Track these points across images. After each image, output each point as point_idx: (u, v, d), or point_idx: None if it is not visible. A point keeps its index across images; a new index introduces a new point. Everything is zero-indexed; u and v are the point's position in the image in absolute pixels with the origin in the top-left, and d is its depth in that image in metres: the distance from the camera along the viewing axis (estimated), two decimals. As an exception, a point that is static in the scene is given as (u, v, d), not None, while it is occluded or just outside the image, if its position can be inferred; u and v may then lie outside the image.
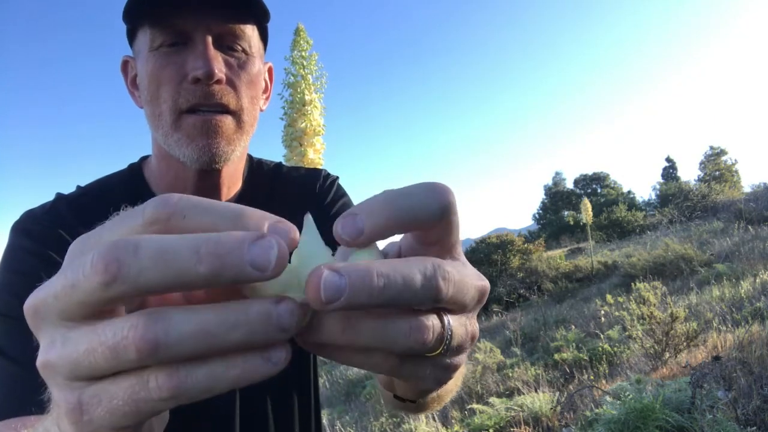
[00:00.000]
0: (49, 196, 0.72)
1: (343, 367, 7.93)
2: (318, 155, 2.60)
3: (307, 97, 2.59)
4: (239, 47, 0.67)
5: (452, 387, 0.51)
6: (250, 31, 0.68)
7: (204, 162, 0.64)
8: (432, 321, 0.25)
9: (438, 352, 0.26)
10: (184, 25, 0.63)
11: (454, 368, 0.29)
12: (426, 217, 0.25)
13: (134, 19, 0.66)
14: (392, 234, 0.26)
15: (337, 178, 0.83)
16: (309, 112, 2.58)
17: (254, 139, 0.73)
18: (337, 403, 6.45)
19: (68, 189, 0.74)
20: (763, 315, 4.22)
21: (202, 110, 0.64)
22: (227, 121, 0.65)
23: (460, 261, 0.29)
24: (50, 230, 0.65)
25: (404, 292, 0.23)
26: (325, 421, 5.18)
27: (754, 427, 2.44)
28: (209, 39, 0.63)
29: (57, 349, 0.22)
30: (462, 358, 0.30)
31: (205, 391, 0.21)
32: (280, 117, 2.69)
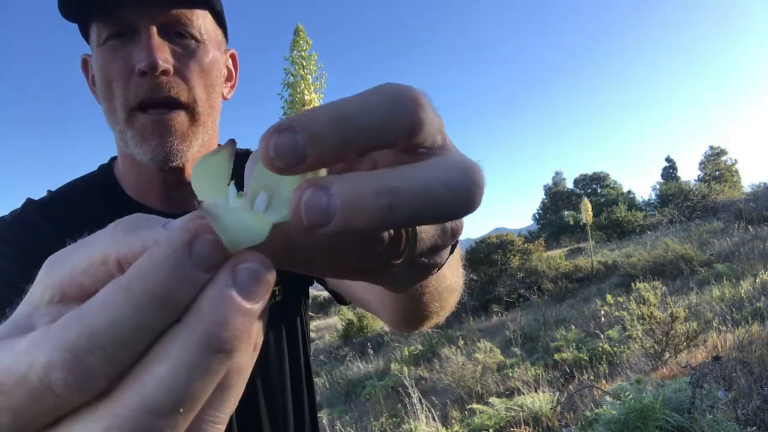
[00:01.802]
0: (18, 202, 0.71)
1: (343, 367, 7.93)
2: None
3: (306, 97, 2.59)
4: (188, 35, 0.64)
5: (451, 282, 0.46)
6: (201, 17, 0.65)
7: (159, 161, 0.62)
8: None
9: (402, 257, 0.23)
10: (127, 16, 0.61)
11: (429, 268, 0.25)
12: (390, 138, 0.19)
13: (72, 15, 0.64)
14: (339, 162, 0.20)
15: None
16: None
17: (254, 138, 0.73)
18: (337, 403, 6.44)
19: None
20: (763, 315, 4.22)
21: (153, 108, 0.61)
22: (179, 118, 0.63)
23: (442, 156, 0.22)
24: (23, 236, 0.64)
25: (422, 209, 0.18)
26: (325, 421, 5.17)
27: (754, 427, 2.44)
28: (153, 29, 0.61)
29: None
30: (441, 257, 0.26)
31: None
32: (279, 117, 2.70)
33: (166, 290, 0.17)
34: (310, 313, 0.87)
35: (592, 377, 4.36)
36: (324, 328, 13.65)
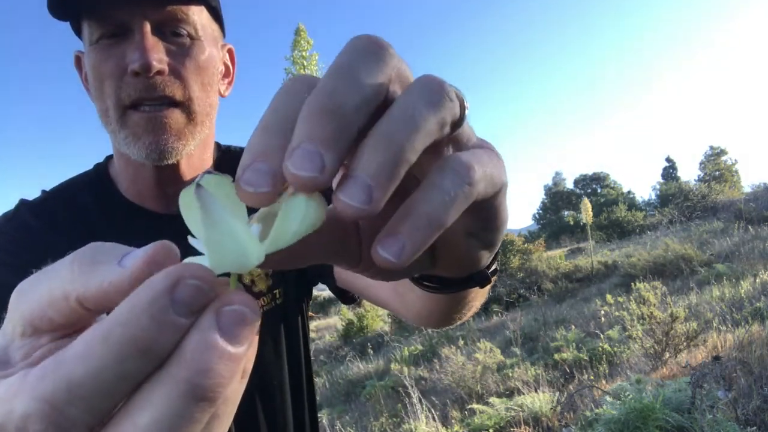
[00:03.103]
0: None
1: (343, 367, 7.93)
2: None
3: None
4: (184, 32, 0.63)
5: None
6: (196, 14, 0.64)
7: (153, 159, 0.61)
8: (434, 78, 0.22)
9: (459, 118, 0.23)
10: (120, 15, 0.59)
11: (493, 148, 0.26)
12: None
13: (61, 14, 0.62)
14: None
15: None
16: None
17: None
18: (337, 403, 6.44)
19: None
20: (763, 315, 4.22)
21: (147, 105, 0.60)
22: (174, 115, 0.61)
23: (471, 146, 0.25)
24: (16, 237, 0.62)
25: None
26: (324, 421, 5.17)
27: (754, 427, 2.44)
28: (147, 28, 0.59)
29: None
30: (485, 142, 0.27)
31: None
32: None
33: (148, 339, 0.16)
34: (310, 313, 0.87)
35: (592, 377, 4.36)
36: (324, 328, 13.65)
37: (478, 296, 0.45)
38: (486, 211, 0.26)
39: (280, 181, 0.18)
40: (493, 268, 0.34)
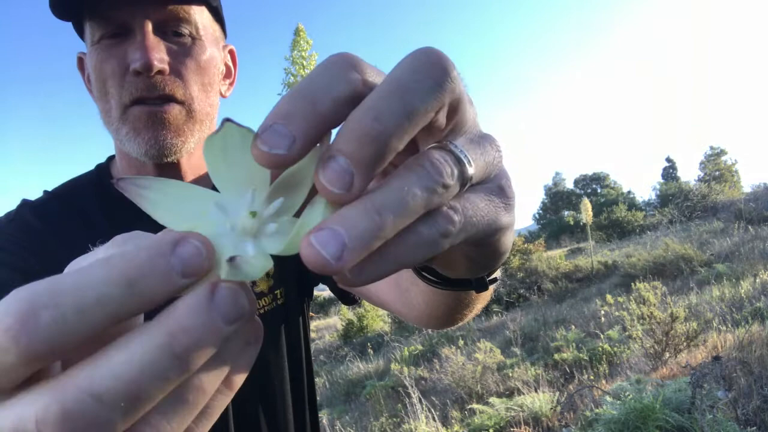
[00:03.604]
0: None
1: (343, 367, 7.93)
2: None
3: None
4: (185, 32, 0.63)
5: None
6: (197, 14, 0.64)
7: (153, 155, 0.61)
8: (439, 155, 0.21)
9: (466, 185, 0.22)
10: (121, 15, 0.59)
11: (505, 190, 0.25)
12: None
13: (64, 14, 0.63)
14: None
15: None
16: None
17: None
18: (337, 403, 6.44)
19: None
20: (763, 315, 4.22)
21: (147, 102, 0.60)
22: (174, 111, 0.61)
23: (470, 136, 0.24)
24: (18, 238, 0.62)
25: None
26: (324, 421, 5.17)
27: (754, 427, 2.44)
28: (148, 27, 0.59)
29: None
30: (504, 182, 0.25)
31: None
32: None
33: (138, 273, 0.16)
34: (311, 313, 0.87)
35: (592, 377, 4.36)
36: (324, 328, 13.65)
37: (480, 298, 0.45)
38: (480, 247, 0.26)
39: (299, 146, 0.18)
40: (494, 276, 0.34)
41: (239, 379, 0.20)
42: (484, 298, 0.45)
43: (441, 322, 0.52)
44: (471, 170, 0.22)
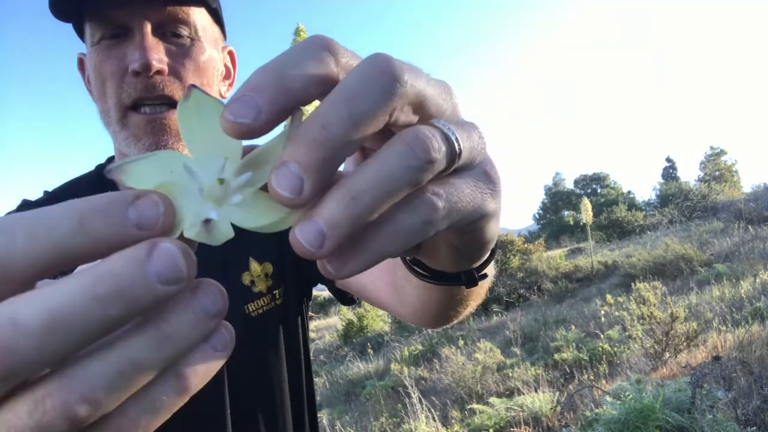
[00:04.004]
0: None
1: (343, 367, 7.93)
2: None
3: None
4: (184, 33, 0.63)
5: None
6: (196, 15, 0.64)
7: None
8: (425, 129, 0.21)
9: (455, 163, 0.22)
10: (120, 16, 0.60)
11: (491, 176, 0.25)
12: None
13: (63, 15, 0.63)
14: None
15: None
16: (308, 111, 2.59)
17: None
18: (337, 403, 6.44)
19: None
20: (763, 315, 4.22)
21: (147, 106, 0.60)
22: (174, 116, 0.62)
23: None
24: None
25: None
26: (324, 421, 5.17)
27: (754, 427, 2.44)
28: (147, 28, 0.60)
29: None
30: (490, 168, 0.25)
31: (163, 413, 0.19)
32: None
33: (91, 213, 0.17)
34: (310, 313, 0.87)
35: (592, 377, 4.36)
36: (324, 328, 13.65)
37: (473, 295, 0.45)
38: (465, 234, 0.26)
39: (265, 118, 0.19)
40: (483, 272, 0.34)
41: (193, 383, 0.19)
42: (478, 295, 0.45)
43: (435, 319, 0.52)
44: (458, 146, 0.22)
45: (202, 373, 0.19)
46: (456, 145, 0.22)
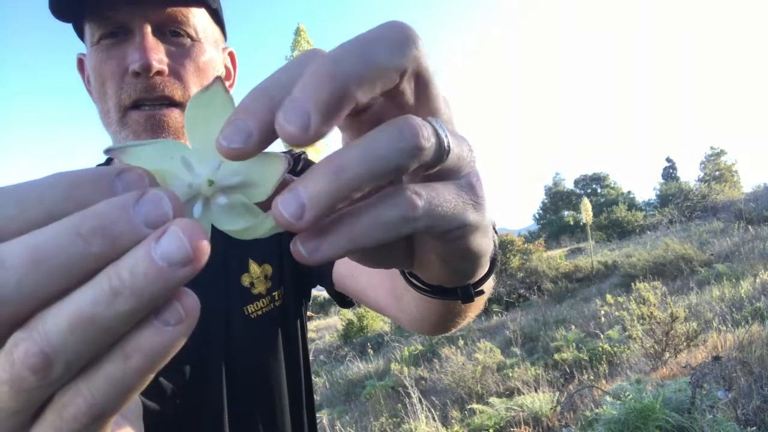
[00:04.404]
0: None
1: (343, 367, 7.93)
2: (318, 154, 2.61)
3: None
4: (184, 33, 0.63)
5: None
6: (196, 16, 0.64)
7: None
8: (417, 119, 0.21)
9: (442, 160, 0.22)
10: (120, 16, 0.60)
11: (475, 188, 0.25)
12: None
13: (63, 15, 0.63)
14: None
15: (303, 153, 0.79)
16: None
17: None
18: (337, 403, 6.44)
19: None
20: (763, 315, 4.22)
21: (146, 105, 0.61)
22: (174, 114, 0.62)
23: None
24: None
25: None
26: (324, 421, 5.17)
27: (754, 427, 2.44)
28: (147, 29, 0.60)
29: None
30: (476, 180, 0.25)
31: (122, 390, 0.18)
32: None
33: (78, 181, 0.18)
34: (310, 313, 0.87)
35: (592, 377, 4.36)
36: (324, 328, 13.65)
37: (471, 307, 0.44)
38: (447, 243, 0.25)
39: (255, 140, 0.19)
40: (480, 288, 0.34)
41: (138, 363, 0.18)
42: (476, 307, 0.45)
43: (434, 327, 0.52)
44: (447, 143, 0.22)
45: (147, 351, 0.17)
46: (445, 141, 0.22)
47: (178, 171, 0.21)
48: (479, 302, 0.40)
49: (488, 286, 0.35)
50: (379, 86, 0.20)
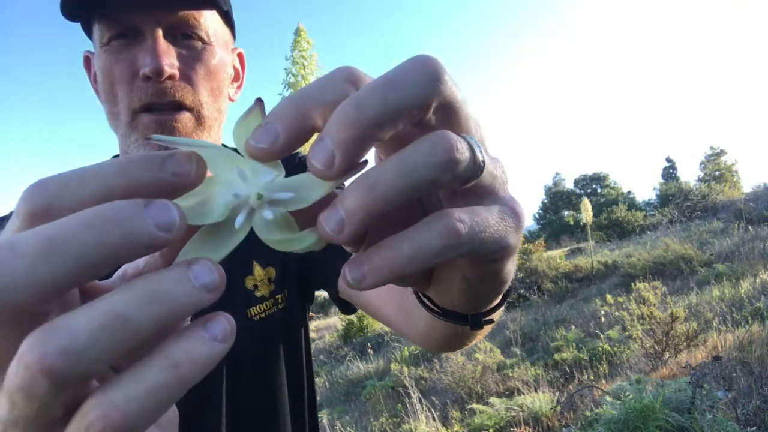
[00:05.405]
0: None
1: (343, 367, 7.93)
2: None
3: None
4: (195, 36, 0.63)
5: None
6: (207, 18, 0.63)
7: None
8: (452, 134, 0.21)
9: (476, 175, 0.23)
10: (132, 18, 0.59)
11: (518, 213, 0.25)
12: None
13: (73, 16, 0.62)
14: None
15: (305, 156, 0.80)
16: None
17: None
18: (337, 403, 6.45)
19: None
20: (763, 315, 4.22)
21: (156, 109, 0.60)
22: (184, 118, 0.61)
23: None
24: None
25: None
26: (324, 421, 5.18)
27: (754, 427, 2.44)
28: (159, 32, 0.59)
29: None
30: (518, 207, 0.25)
31: (163, 400, 0.17)
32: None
33: (132, 161, 0.19)
34: (310, 314, 0.87)
35: (592, 377, 4.36)
36: (324, 328, 13.66)
37: (480, 332, 0.44)
38: (483, 266, 0.26)
39: (281, 143, 0.21)
40: (491, 317, 0.34)
41: (187, 371, 0.18)
42: (483, 331, 0.45)
43: (439, 345, 0.52)
44: (482, 158, 0.22)
45: (197, 361, 0.18)
46: (480, 156, 0.22)
47: (231, 179, 0.22)
48: (486, 328, 0.40)
49: (497, 315, 0.35)
50: (402, 124, 0.21)
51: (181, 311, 0.18)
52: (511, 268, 0.27)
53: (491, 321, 0.35)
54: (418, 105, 0.21)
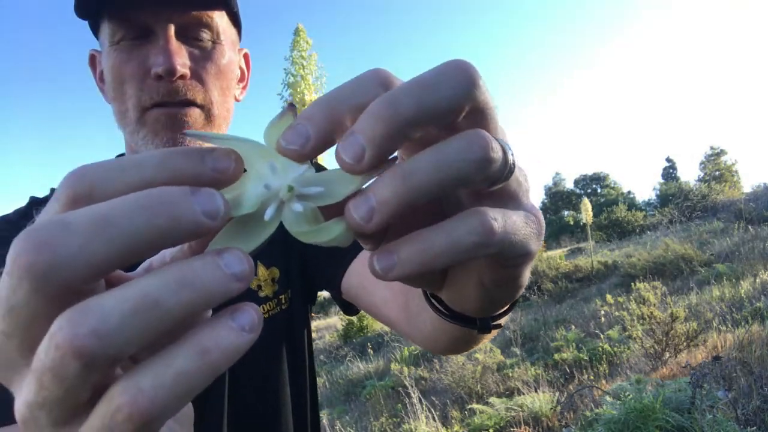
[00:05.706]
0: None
1: (343, 367, 7.93)
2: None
3: (306, 97, 2.60)
4: (206, 36, 0.63)
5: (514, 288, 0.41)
6: (218, 18, 0.64)
7: None
8: (485, 133, 0.21)
9: (506, 177, 0.23)
10: (144, 18, 0.59)
11: (540, 219, 0.25)
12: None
13: (87, 14, 0.62)
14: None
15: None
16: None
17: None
18: (337, 403, 6.44)
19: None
20: (763, 315, 4.22)
21: (167, 106, 0.60)
22: (194, 114, 0.61)
23: None
24: None
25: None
26: (324, 421, 5.18)
27: (754, 427, 2.44)
28: (171, 32, 0.59)
29: (21, 399, 0.18)
30: (539, 214, 0.26)
31: (190, 388, 0.17)
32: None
33: (173, 153, 0.20)
34: (311, 314, 0.87)
35: (592, 377, 4.36)
36: (324, 328, 13.66)
37: (486, 335, 0.45)
38: (505, 270, 0.26)
39: (311, 145, 0.21)
40: (499, 321, 0.34)
41: (215, 358, 0.18)
42: (489, 335, 0.46)
43: (445, 349, 0.52)
44: (512, 159, 0.23)
45: (225, 349, 0.18)
46: (511, 158, 0.23)
47: (262, 171, 0.22)
48: (494, 332, 0.41)
49: (504, 320, 0.36)
50: (433, 125, 0.21)
51: (211, 298, 0.18)
52: (527, 274, 0.28)
53: (499, 326, 0.35)
54: (453, 107, 0.21)
